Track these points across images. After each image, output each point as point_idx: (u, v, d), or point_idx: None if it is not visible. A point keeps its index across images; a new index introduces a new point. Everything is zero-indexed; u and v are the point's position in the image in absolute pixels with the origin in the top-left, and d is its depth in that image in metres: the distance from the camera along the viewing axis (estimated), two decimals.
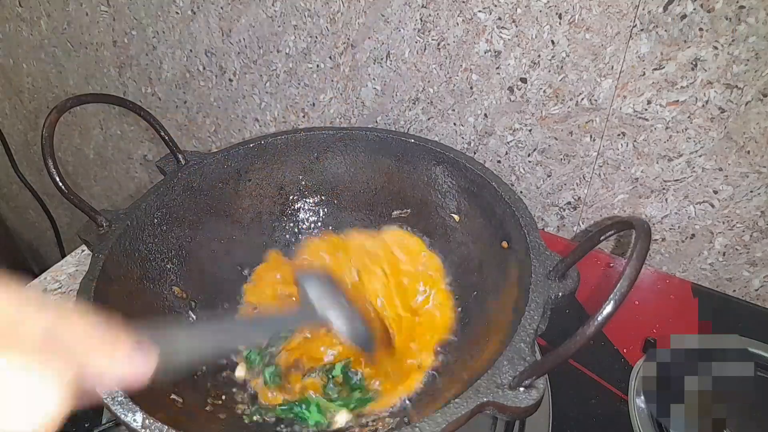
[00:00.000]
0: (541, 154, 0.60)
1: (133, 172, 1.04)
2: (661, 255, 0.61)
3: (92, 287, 0.39)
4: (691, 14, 0.46)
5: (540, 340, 0.52)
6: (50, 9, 0.86)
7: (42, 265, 1.42)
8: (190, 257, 0.52)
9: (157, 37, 0.79)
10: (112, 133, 0.99)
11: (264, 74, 0.74)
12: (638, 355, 0.51)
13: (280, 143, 0.57)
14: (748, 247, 0.55)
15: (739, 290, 0.59)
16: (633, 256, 0.28)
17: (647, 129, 0.53)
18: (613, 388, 0.48)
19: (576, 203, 0.62)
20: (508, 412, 0.32)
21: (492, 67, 0.57)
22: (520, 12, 0.53)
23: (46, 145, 0.42)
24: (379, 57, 0.63)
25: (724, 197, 0.53)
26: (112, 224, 0.45)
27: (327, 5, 0.63)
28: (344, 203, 0.60)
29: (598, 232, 0.36)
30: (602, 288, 0.57)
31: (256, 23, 0.69)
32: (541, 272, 0.39)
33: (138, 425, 0.31)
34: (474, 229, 0.52)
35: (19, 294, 0.22)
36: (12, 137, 1.14)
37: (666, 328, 0.53)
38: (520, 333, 0.35)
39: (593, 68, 0.52)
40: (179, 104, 0.85)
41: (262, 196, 0.58)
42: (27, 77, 1.01)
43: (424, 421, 0.30)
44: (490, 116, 0.61)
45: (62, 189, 0.43)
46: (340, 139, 0.57)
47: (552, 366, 0.30)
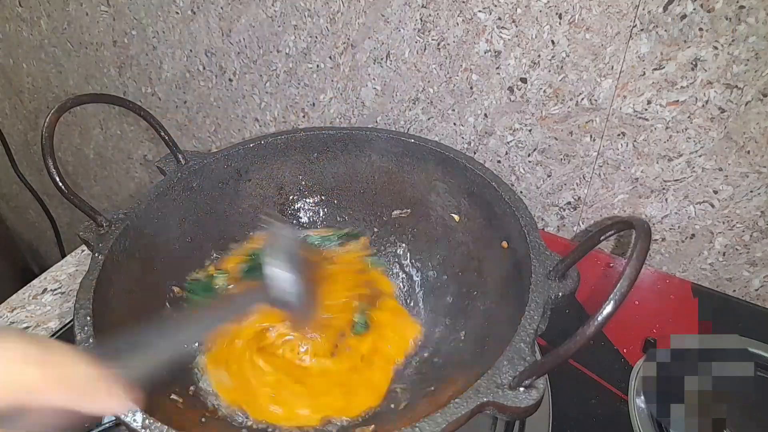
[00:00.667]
0: (541, 154, 0.60)
1: (133, 172, 1.04)
2: (661, 255, 0.61)
3: (92, 287, 0.39)
4: (691, 14, 0.46)
5: (540, 340, 0.52)
6: (50, 9, 0.86)
7: (42, 265, 1.42)
8: (190, 257, 0.52)
9: (157, 37, 0.79)
10: (112, 133, 0.99)
11: (264, 74, 0.74)
12: (638, 355, 0.51)
13: (280, 143, 0.57)
14: (748, 247, 0.55)
15: (739, 290, 0.59)
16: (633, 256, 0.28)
17: (647, 129, 0.53)
18: (613, 388, 0.48)
19: (576, 203, 0.62)
20: (508, 412, 0.32)
21: (492, 67, 0.57)
22: (520, 12, 0.53)
23: (46, 145, 0.42)
24: (379, 57, 0.63)
25: (724, 197, 0.53)
26: (112, 224, 0.45)
27: (327, 5, 0.63)
28: (344, 203, 0.60)
29: (598, 232, 0.36)
30: (602, 288, 0.57)
31: (256, 23, 0.69)
32: (541, 272, 0.39)
33: (138, 425, 0.31)
34: (474, 229, 0.52)
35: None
36: (12, 137, 1.14)
37: (666, 328, 0.53)
38: (520, 333, 0.35)
39: (593, 68, 0.52)
40: (179, 104, 0.85)
41: (262, 196, 0.58)
42: (27, 77, 1.01)
43: (424, 421, 0.30)
44: (490, 116, 0.61)
45: (62, 189, 0.43)
46: (340, 139, 0.57)
47: (552, 366, 0.30)
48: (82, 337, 0.36)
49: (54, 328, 0.56)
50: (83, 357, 0.25)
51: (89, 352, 0.31)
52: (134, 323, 0.44)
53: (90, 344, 0.35)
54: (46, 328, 0.56)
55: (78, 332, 0.36)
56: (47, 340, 0.25)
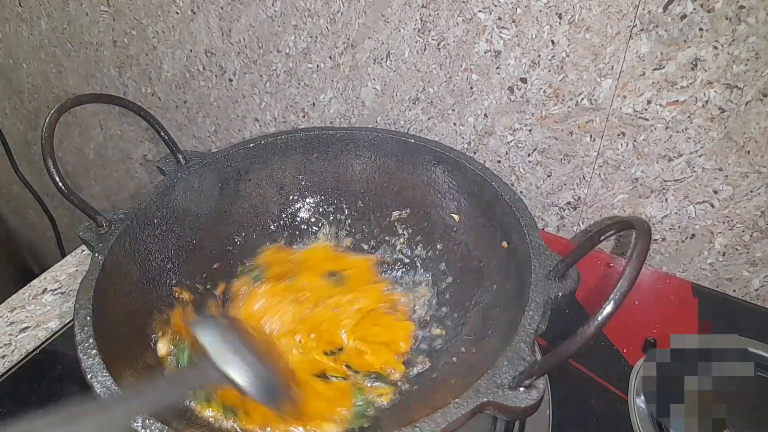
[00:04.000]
0: (541, 154, 0.60)
1: (133, 172, 1.04)
2: (661, 255, 0.61)
3: (92, 287, 0.39)
4: (691, 14, 0.46)
5: (540, 340, 0.52)
6: (50, 9, 0.86)
7: (42, 265, 1.42)
8: (190, 257, 0.52)
9: (157, 37, 0.79)
10: (112, 133, 0.99)
11: (264, 74, 0.74)
12: (638, 355, 0.51)
13: (280, 143, 0.57)
14: (748, 247, 0.55)
15: (739, 290, 0.59)
16: (633, 256, 0.28)
17: (647, 129, 0.53)
18: (613, 388, 0.48)
19: (576, 203, 0.62)
20: (508, 412, 0.32)
21: (492, 67, 0.57)
22: (520, 12, 0.53)
23: (46, 145, 0.42)
24: (379, 57, 0.63)
25: (724, 197, 0.53)
26: (112, 224, 0.45)
27: (327, 5, 0.63)
28: (344, 203, 0.60)
29: (598, 232, 0.36)
30: (602, 288, 0.57)
31: (256, 23, 0.69)
32: (541, 272, 0.39)
33: (138, 425, 0.31)
34: (474, 229, 0.52)
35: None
36: (12, 137, 1.14)
37: (666, 328, 0.53)
38: (520, 333, 0.35)
39: (593, 68, 0.52)
40: (179, 104, 0.85)
41: (262, 196, 0.58)
42: (27, 77, 1.01)
43: (424, 421, 0.30)
44: (490, 116, 0.61)
45: (62, 189, 0.43)
46: (340, 139, 0.57)
47: (552, 366, 0.30)
48: (82, 337, 0.36)
49: (54, 328, 0.56)
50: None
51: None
52: (134, 323, 0.44)
53: (90, 344, 0.35)
54: (46, 328, 0.56)
55: (78, 332, 0.36)
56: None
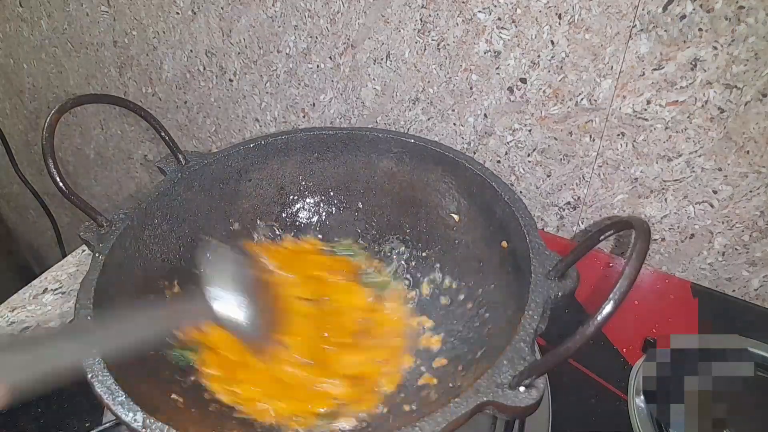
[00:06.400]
0: (541, 154, 0.60)
1: (133, 172, 1.04)
2: (661, 255, 0.61)
3: (93, 287, 0.39)
4: (690, 14, 0.46)
5: (540, 340, 0.52)
6: (51, 9, 0.86)
7: (42, 265, 1.42)
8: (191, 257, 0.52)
9: (157, 38, 0.79)
10: (113, 133, 0.99)
11: (264, 74, 0.74)
12: (638, 355, 0.51)
13: (280, 143, 0.57)
14: (748, 247, 0.55)
15: (739, 290, 0.59)
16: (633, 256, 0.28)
17: (647, 129, 0.53)
18: (612, 387, 0.48)
19: (575, 203, 0.62)
20: (508, 412, 0.32)
21: (492, 67, 0.57)
22: (519, 12, 0.53)
23: (47, 145, 0.42)
24: (379, 57, 0.63)
25: (724, 197, 0.54)
26: (112, 224, 0.45)
27: (327, 5, 0.63)
28: (344, 204, 0.60)
29: (597, 232, 0.36)
30: (602, 288, 0.57)
31: (256, 23, 0.69)
32: (541, 272, 0.39)
33: (139, 425, 0.31)
34: (474, 229, 0.52)
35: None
36: (12, 137, 1.14)
37: (666, 328, 0.53)
38: (520, 333, 0.35)
39: (593, 68, 0.52)
40: (179, 104, 0.85)
41: (262, 196, 0.58)
42: (28, 77, 1.01)
43: (424, 421, 0.30)
44: (489, 116, 0.61)
45: (63, 189, 0.43)
46: (340, 139, 0.57)
47: (552, 366, 0.30)
48: None
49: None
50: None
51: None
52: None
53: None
54: (47, 328, 0.56)
55: None
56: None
